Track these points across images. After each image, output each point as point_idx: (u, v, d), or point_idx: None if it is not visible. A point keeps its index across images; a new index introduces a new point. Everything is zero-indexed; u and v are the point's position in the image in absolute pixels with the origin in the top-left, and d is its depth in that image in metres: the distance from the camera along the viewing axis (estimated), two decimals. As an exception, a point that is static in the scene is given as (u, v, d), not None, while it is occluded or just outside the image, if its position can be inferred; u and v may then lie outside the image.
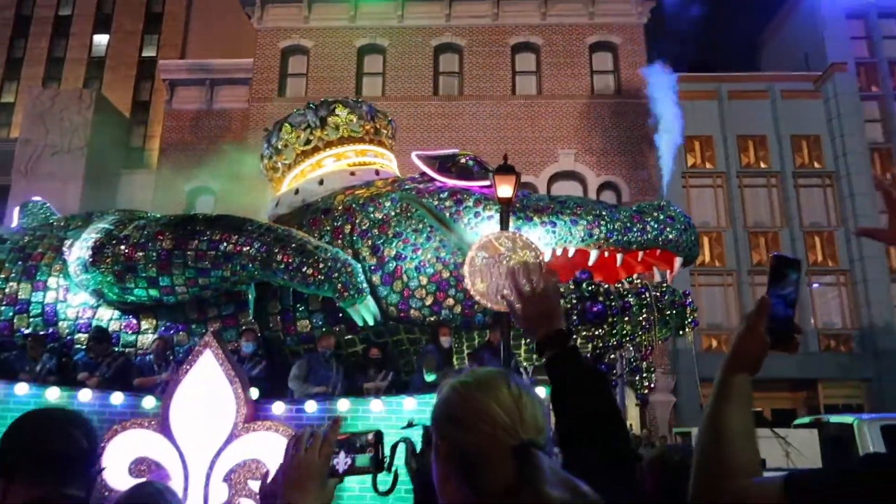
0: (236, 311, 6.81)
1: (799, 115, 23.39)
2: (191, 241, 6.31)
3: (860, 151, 22.63)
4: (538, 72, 24.86)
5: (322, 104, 8.05)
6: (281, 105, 23.03)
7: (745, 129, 23.67)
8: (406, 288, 6.46)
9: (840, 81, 22.93)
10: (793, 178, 23.36)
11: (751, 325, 1.14)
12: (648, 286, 6.31)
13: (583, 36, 24.72)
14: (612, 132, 23.94)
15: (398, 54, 24.32)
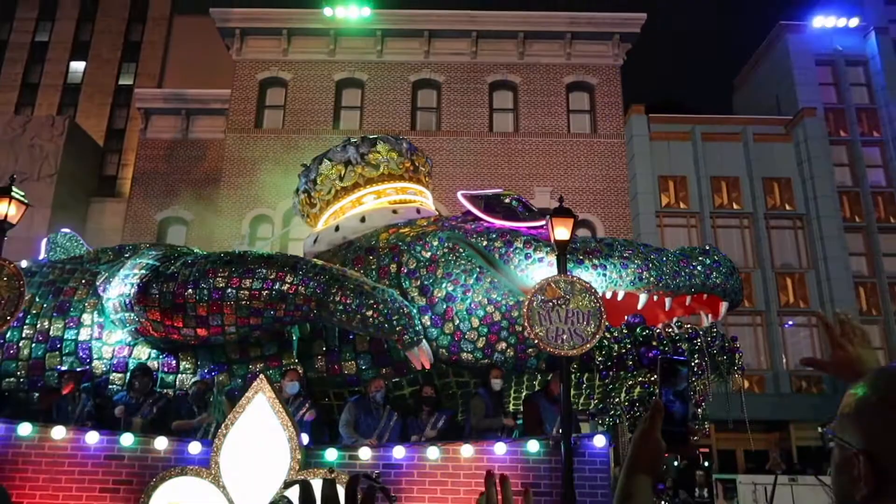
0: (279, 351, 6.81)
1: (771, 157, 24.45)
2: (244, 279, 6.31)
3: (829, 195, 23.72)
4: (515, 109, 25.47)
5: (363, 140, 8.18)
6: (257, 136, 23.10)
7: (719, 170, 24.57)
8: (457, 330, 6.56)
9: (810, 126, 24.11)
10: (765, 219, 24.27)
11: (646, 428, 1.18)
12: (699, 331, 6.56)
13: (560, 76, 25.46)
14: (587, 171, 24.57)
15: (376, 88, 24.66)
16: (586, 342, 5.85)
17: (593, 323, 5.85)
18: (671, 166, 24.72)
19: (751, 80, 29.14)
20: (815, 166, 23.89)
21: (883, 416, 0.95)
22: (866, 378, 1.03)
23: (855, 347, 1.44)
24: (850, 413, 1.00)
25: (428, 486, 5.69)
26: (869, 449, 0.95)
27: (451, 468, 5.70)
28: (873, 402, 0.98)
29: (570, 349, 5.85)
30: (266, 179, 22.60)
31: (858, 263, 23.92)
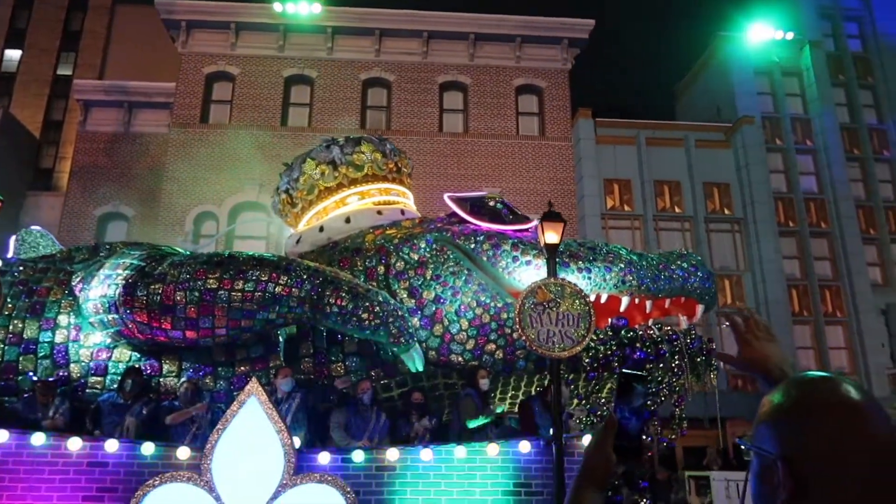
0: (266, 353, 6.74)
1: (711, 163, 25.40)
2: (236, 281, 6.22)
3: (765, 200, 24.80)
4: (465, 110, 25.66)
5: (347, 141, 8.16)
6: (203, 131, 22.60)
7: (662, 174, 25.36)
8: (447, 332, 6.64)
9: (748, 133, 25.16)
10: (704, 222, 25.17)
11: (599, 442, 1.20)
12: (679, 333, 6.83)
13: (510, 78, 25.79)
14: (536, 173, 24.96)
15: (326, 86, 24.47)
16: (576, 344, 6.03)
17: (583, 325, 6.04)
18: (616, 170, 25.38)
19: (693, 88, 30.19)
20: (753, 172, 24.94)
21: (798, 422, 0.98)
22: (781, 385, 1.06)
23: (760, 342, 1.47)
24: (766, 421, 1.03)
25: (421, 487, 5.76)
26: (786, 455, 0.97)
27: (444, 469, 5.78)
28: (788, 409, 1.00)
29: (561, 351, 6.02)
30: (211, 176, 22.15)
31: (791, 266, 25.07)
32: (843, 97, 26.72)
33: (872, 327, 24.11)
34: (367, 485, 5.67)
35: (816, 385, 1.01)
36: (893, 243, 25.36)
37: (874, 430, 0.94)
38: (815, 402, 0.98)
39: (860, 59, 27.18)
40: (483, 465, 5.80)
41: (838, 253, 24.92)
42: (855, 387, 1.02)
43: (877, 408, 0.99)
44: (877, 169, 26.04)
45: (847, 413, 0.96)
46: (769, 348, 1.45)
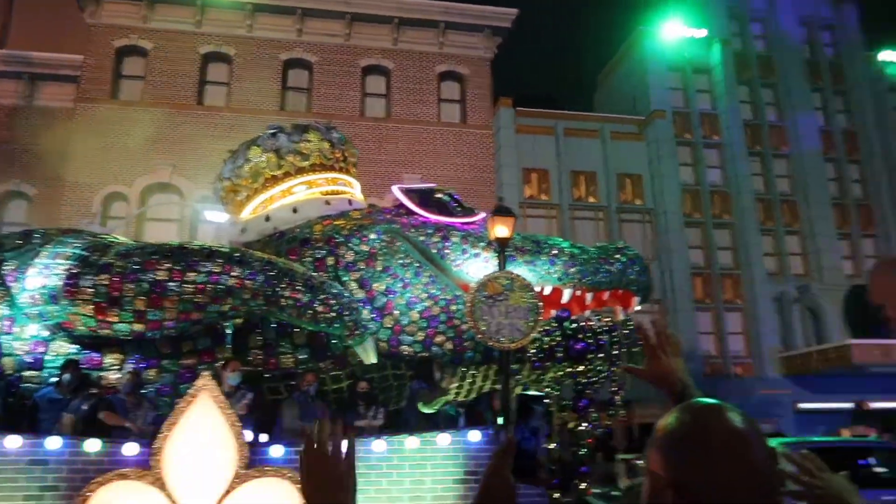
0: (213, 345, 6.61)
1: (625, 155, 26.39)
2: (188, 272, 6.06)
3: (674, 192, 26.00)
4: (388, 95, 25.58)
5: (294, 129, 8.03)
6: (112, 108, 21.58)
7: (578, 165, 26.14)
8: (397, 324, 6.72)
9: (660, 127, 26.26)
10: (617, 213, 26.14)
11: (497, 465, 1.21)
12: (617, 324, 7.17)
13: (432, 64, 25.86)
14: (456, 160, 25.18)
15: (245, 65, 23.81)
16: (525, 336, 6.27)
17: (531, 317, 6.28)
18: (535, 159, 25.94)
19: (610, 81, 31.16)
20: (663, 165, 26.07)
21: (689, 447, 1.02)
22: (674, 411, 1.10)
23: (668, 358, 1.52)
24: (660, 445, 1.07)
25: (373, 478, 5.85)
26: (676, 480, 1.01)
27: (396, 460, 5.88)
28: (680, 434, 1.05)
29: (510, 343, 6.24)
30: (121, 155, 21.20)
31: (696, 256, 26.42)
32: (747, 95, 28.25)
33: (766, 314, 25.77)
34: (321, 477, 5.68)
35: (705, 413, 1.07)
36: (787, 235, 27.11)
37: (755, 456, 1.01)
38: (703, 429, 1.03)
39: (763, 59, 28.79)
40: (434, 455, 5.95)
41: (738, 243, 26.43)
42: (740, 415, 1.07)
43: (758, 434, 1.05)
44: (775, 164, 27.74)
45: (731, 440, 1.02)
46: (675, 363, 1.51)
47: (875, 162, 28.27)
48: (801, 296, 26.29)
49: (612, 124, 26.95)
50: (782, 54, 28.63)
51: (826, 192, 27.49)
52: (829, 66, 29.33)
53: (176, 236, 20.55)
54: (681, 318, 24.85)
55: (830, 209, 27.31)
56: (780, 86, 28.48)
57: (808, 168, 27.41)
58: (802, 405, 24.85)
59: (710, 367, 25.07)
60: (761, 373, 25.26)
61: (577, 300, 7.27)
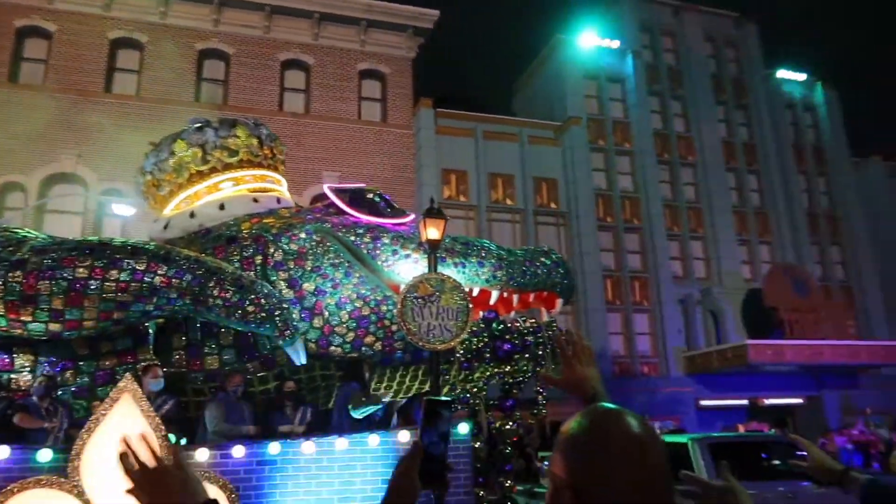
0: (134, 345, 6.34)
1: (541, 159, 27.00)
2: (110, 270, 5.77)
3: (588, 196, 26.80)
4: (307, 91, 25.23)
5: (221, 123, 7.79)
6: (11, 92, 20.37)
7: (496, 167, 26.57)
8: (327, 324, 6.65)
9: (575, 133, 27.03)
10: (533, 215, 26.71)
11: (404, 469, 1.21)
12: (542, 325, 7.33)
13: (354, 61, 25.68)
14: (376, 159, 25.12)
15: (158, 53, 22.95)
16: (455, 337, 6.34)
17: (461, 319, 6.36)
18: (454, 160, 26.18)
19: (529, 86, 31.78)
20: (578, 170, 26.84)
21: (587, 452, 1.06)
22: (577, 415, 1.14)
23: (582, 366, 1.57)
24: (561, 449, 1.10)
25: (302, 480, 5.79)
26: (574, 482, 1.05)
27: (325, 461, 5.84)
28: (581, 439, 1.08)
29: (441, 344, 6.30)
30: (20, 142, 20.03)
31: (607, 259, 27.33)
32: (657, 105, 29.45)
33: (672, 315, 26.95)
34: (247, 480, 5.61)
35: (605, 418, 1.11)
36: (692, 240, 28.44)
37: (651, 460, 1.06)
38: (603, 434, 1.07)
39: (673, 72, 30.10)
40: (364, 456, 5.94)
41: (647, 247, 27.52)
42: (638, 420, 1.11)
43: (654, 439, 1.10)
44: (682, 172, 29.03)
45: (629, 445, 1.06)
46: (588, 372, 1.56)
47: (771, 173, 30.05)
48: (703, 298, 27.62)
49: (530, 129, 27.53)
50: (690, 68, 30.02)
51: (728, 200, 29.01)
52: (731, 81, 30.97)
53: (78, 230, 19.60)
54: (592, 319, 25.65)
55: (731, 216, 28.83)
56: (687, 98, 29.84)
57: (711, 177, 28.84)
58: (703, 402, 26.15)
59: (619, 366, 25.99)
60: (666, 372, 26.39)
61: (503, 302, 7.41)
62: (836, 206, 30.89)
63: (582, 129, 27.32)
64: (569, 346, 1.59)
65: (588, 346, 1.64)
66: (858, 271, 30.10)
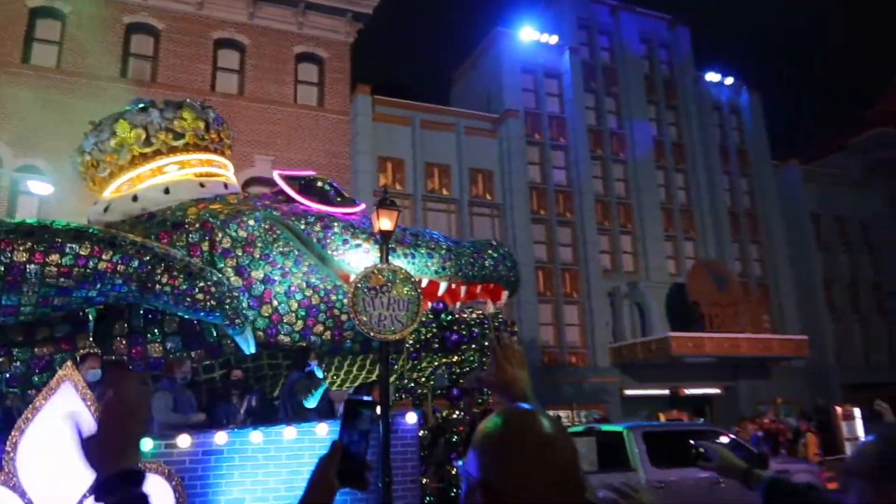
0: (73, 332, 6.08)
1: (478, 150, 27.24)
2: (51, 254, 5.52)
3: (522, 189, 27.20)
4: (241, 72, 24.64)
5: (167, 105, 7.52)
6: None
7: (433, 157, 26.65)
8: (276, 313, 6.56)
9: (512, 126, 27.35)
10: (468, 206, 26.94)
11: (322, 469, 1.21)
12: (488, 317, 7.44)
13: (290, 44, 25.22)
14: (311, 144, 24.79)
15: (81, 24, 21.92)
16: (406, 328, 6.37)
17: (412, 309, 6.39)
18: (391, 149, 26.13)
19: (468, 76, 31.90)
20: (513, 163, 27.19)
21: (501, 451, 1.07)
22: (494, 415, 1.16)
23: (513, 368, 1.60)
24: (476, 448, 1.11)
25: (249, 469, 5.73)
26: (487, 481, 1.06)
27: (273, 451, 5.80)
28: (495, 438, 1.10)
29: (391, 334, 6.32)
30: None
31: (540, 251, 27.83)
32: (592, 102, 30.08)
33: (600, 308, 27.71)
34: (193, 469, 5.51)
35: (520, 418, 1.13)
36: (622, 235, 29.27)
37: (562, 460, 1.08)
38: (516, 434, 1.09)
39: (608, 70, 30.80)
40: (312, 445, 5.92)
41: (578, 241, 28.15)
42: (550, 420, 1.13)
43: (565, 439, 1.12)
44: (614, 169, 29.80)
45: (541, 445, 1.08)
46: (519, 374, 1.60)
47: (698, 172, 31.20)
48: (630, 292, 28.50)
49: (468, 120, 27.70)
50: (625, 67, 30.78)
51: (656, 197, 29.96)
52: (663, 81, 31.94)
53: (-9, 209, 18.61)
54: (524, 310, 26.09)
55: (659, 213, 29.80)
56: (621, 96, 30.61)
57: (641, 174, 29.72)
58: (628, 392, 27.06)
59: (549, 356, 26.57)
60: (593, 362, 27.13)
61: (451, 293, 7.49)
62: (756, 206, 32.35)
63: (519, 121, 27.66)
64: (501, 349, 1.64)
65: (520, 349, 1.68)
66: (775, 269, 31.65)
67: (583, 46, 30.26)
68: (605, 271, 28.41)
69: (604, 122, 30.05)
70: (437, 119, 27.20)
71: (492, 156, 27.55)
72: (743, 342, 26.71)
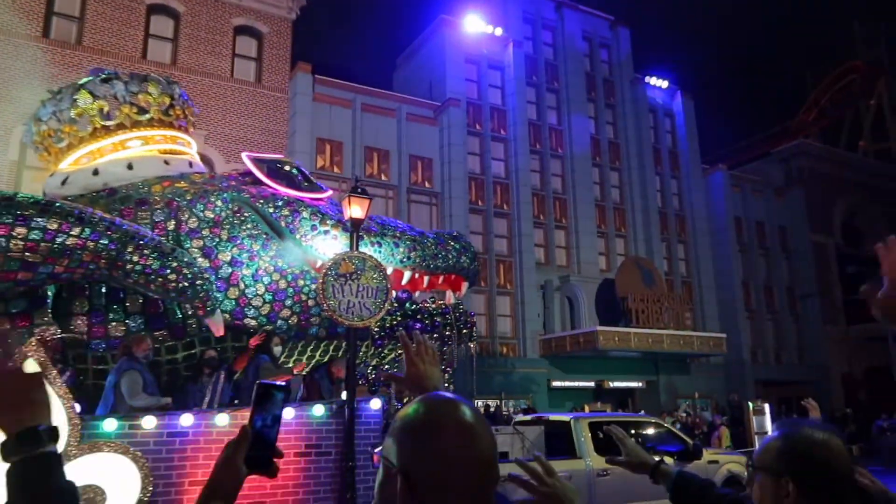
0: (30, 308, 5.90)
1: (419, 137, 27.32)
2: (17, 227, 5.32)
3: (461, 178, 27.47)
4: (175, 40, 23.93)
5: (132, 78, 7.29)
6: None
7: (373, 141, 26.60)
8: (242, 296, 6.54)
9: (453, 115, 27.53)
10: (407, 193, 27.03)
11: (229, 456, 1.18)
12: (450, 307, 7.61)
13: (229, 15, 24.67)
14: (247, 120, 24.37)
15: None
16: (373, 315, 6.47)
17: (380, 297, 6.49)
18: (330, 130, 25.92)
19: (411, 62, 31.85)
20: (454, 152, 27.41)
21: (419, 439, 1.05)
22: (415, 401, 1.14)
23: (425, 365, 1.60)
24: (394, 435, 1.09)
25: (214, 452, 5.72)
26: (406, 468, 1.04)
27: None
28: (414, 425, 1.08)
29: (359, 321, 6.40)
30: None
31: (476, 241, 28.16)
32: (534, 96, 30.58)
33: (532, 299, 28.34)
34: (158, 451, 5.46)
35: (439, 406, 1.11)
36: (556, 229, 29.97)
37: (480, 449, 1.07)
38: (435, 421, 1.08)
39: (550, 65, 31.36)
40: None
41: (514, 232, 28.67)
42: (470, 409, 1.12)
43: (484, 428, 1.11)
44: (551, 164, 30.43)
45: (459, 433, 1.06)
46: (430, 371, 1.60)
47: (631, 171, 32.24)
48: (561, 285, 29.25)
49: (409, 106, 27.71)
50: (566, 63, 31.40)
51: (591, 193, 30.80)
52: (603, 81, 32.78)
53: None
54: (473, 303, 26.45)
55: (593, 209, 30.65)
56: (562, 92, 31.23)
57: (577, 170, 30.47)
58: (555, 383, 27.83)
59: (480, 346, 26.98)
60: (523, 353, 27.76)
61: (413, 283, 7.62)
62: (684, 208, 33.69)
63: (460, 111, 27.86)
64: (415, 345, 1.64)
65: (432, 346, 1.68)
66: (698, 268, 33.09)
67: (527, 40, 30.70)
68: (538, 264, 29.02)
69: (544, 116, 30.61)
70: (378, 103, 27.11)
71: (432, 144, 27.69)
72: (666, 338, 27.84)
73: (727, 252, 34.00)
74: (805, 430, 1.45)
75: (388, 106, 27.26)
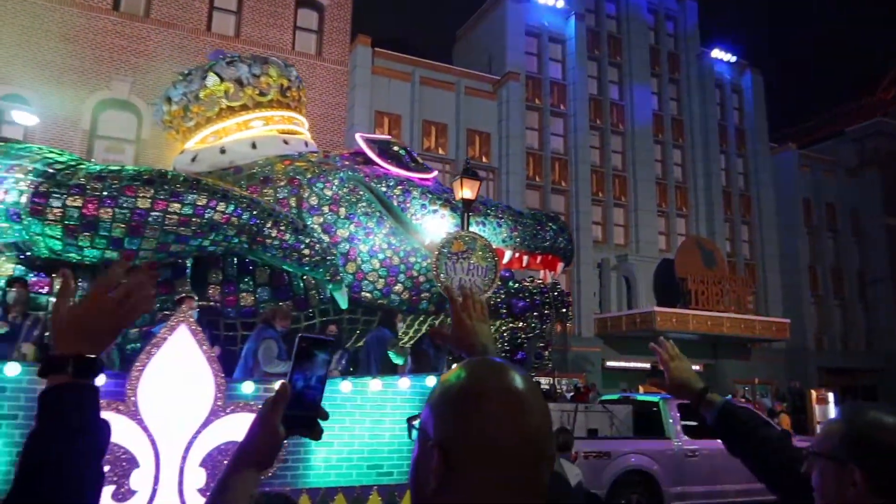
0: (173, 277, 6.50)
1: (477, 111, 27.57)
2: (172, 203, 5.90)
3: (519, 153, 27.69)
4: (239, 13, 24.50)
5: (254, 61, 7.83)
6: None
7: (431, 115, 26.94)
8: (359, 270, 7.06)
9: (513, 89, 27.70)
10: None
11: (265, 416, 1.10)
12: (548, 286, 8.04)
13: (291, -13, 25.08)
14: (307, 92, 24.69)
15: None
16: (483, 293, 6.91)
17: (489, 276, 6.95)
18: (389, 104, 26.32)
19: (471, 35, 32.02)
20: (512, 127, 27.63)
21: (460, 408, 0.94)
22: (456, 368, 1.03)
23: (472, 321, 1.48)
24: (433, 404, 0.99)
25: (337, 416, 6.27)
26: (443, 441, 0.93)
27: (359, 400, 6.35)
28: (456, 392, 0.96)
29: (470, 297, 6.83)
30: None
31: (533, 218, 28.45)
32: (595, 70, 30.53)
33: (588, 278, 28.56)
34: (288, 414, 5.98)
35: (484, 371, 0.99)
36: (615, 207, 30.04)
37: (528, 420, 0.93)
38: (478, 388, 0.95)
39: (614, 39, 31.20)
40: (394, 398, 6.47)
41: (571, 210, 28.84)
42: (521, 376, 0.98)
43: (536, 397, 0.97)
44: (612, 140, 30.43)
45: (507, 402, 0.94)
46: (480, 327, 1.49)
47: (695, 149, 32.04)
48: (618, 264, 29.40)
49: (468, 80, 27.96)
50: (630, 37, 31.22)
51: (652, 171, 30.75)
52: (667, 55, 32.50)
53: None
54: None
55: (654, 187, 30.61)
56: (624, 67, 31.10)
57: (638, 147, 30.41)
58: (609, 363, 28.11)
59: (536, 326, 27.40)
60: (578, 332, 28.06)
61: (512, 262, 8.06)
62: (749, 188, 33.39)
63: (520, 85, 28.01)
64: (461, 298, 1.52)
65: (481, 300, 1.56)
66: (762, 251, 32.85)
67: (589, 13, 30.58)
68: (595, 242, 29.19)
69: (605, 91, 30.56)
70: (437, 77, 27.41)
71: (490, 118, 27.92)
72: (726, 321, 27.86)
73: (794, 234, 33.65)
74: (871, 413, 1.35)
75: (446, 79, 27.54)
